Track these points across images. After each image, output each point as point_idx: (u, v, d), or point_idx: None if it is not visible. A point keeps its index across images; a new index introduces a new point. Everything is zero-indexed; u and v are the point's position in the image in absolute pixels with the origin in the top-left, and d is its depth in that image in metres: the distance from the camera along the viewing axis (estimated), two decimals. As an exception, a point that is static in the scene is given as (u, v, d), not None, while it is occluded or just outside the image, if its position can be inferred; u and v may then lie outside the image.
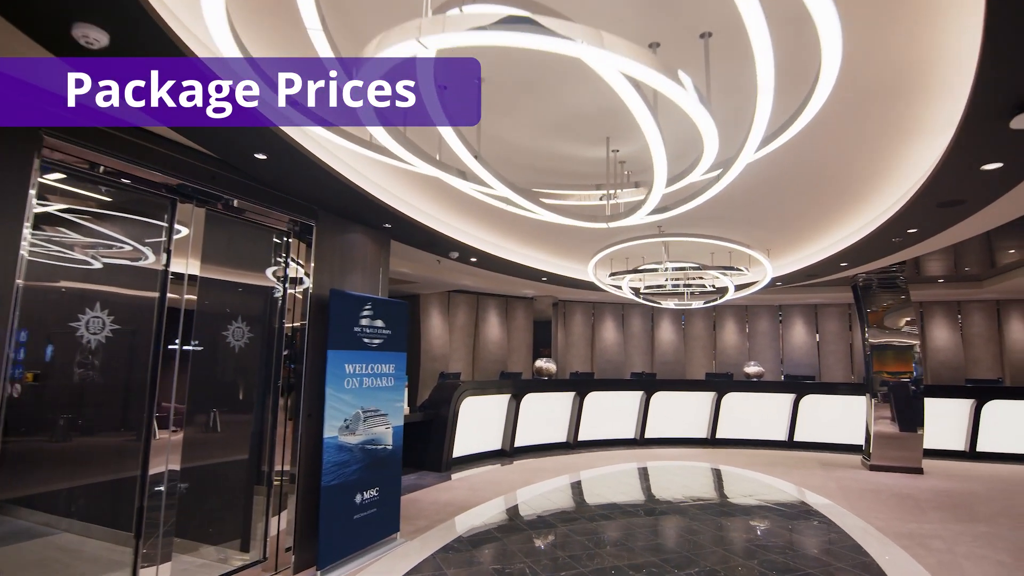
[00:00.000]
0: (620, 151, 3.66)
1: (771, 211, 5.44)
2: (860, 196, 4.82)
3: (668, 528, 4.97)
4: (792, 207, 5.35)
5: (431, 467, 7.41)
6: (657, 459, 8.41)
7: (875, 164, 4.19)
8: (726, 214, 5.38)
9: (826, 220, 5.58)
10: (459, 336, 11.60)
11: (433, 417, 7.56)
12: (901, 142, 3.79)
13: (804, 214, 5.52)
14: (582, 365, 12.35)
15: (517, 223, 6.14)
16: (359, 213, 4.64)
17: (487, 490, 6.30)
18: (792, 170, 4.43)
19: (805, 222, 5.72)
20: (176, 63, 2.20)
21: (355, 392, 4.35)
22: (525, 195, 3.08)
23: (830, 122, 3.51)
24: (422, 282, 9.32)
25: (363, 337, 4.48)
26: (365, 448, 4.40)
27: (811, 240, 6.25)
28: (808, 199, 5.11)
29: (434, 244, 5.97)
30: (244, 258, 4.14)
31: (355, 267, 4.82)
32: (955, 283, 9.69)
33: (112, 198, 3.37)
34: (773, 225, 5.82)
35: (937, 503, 5.91)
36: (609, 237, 6.00)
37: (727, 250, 6.58)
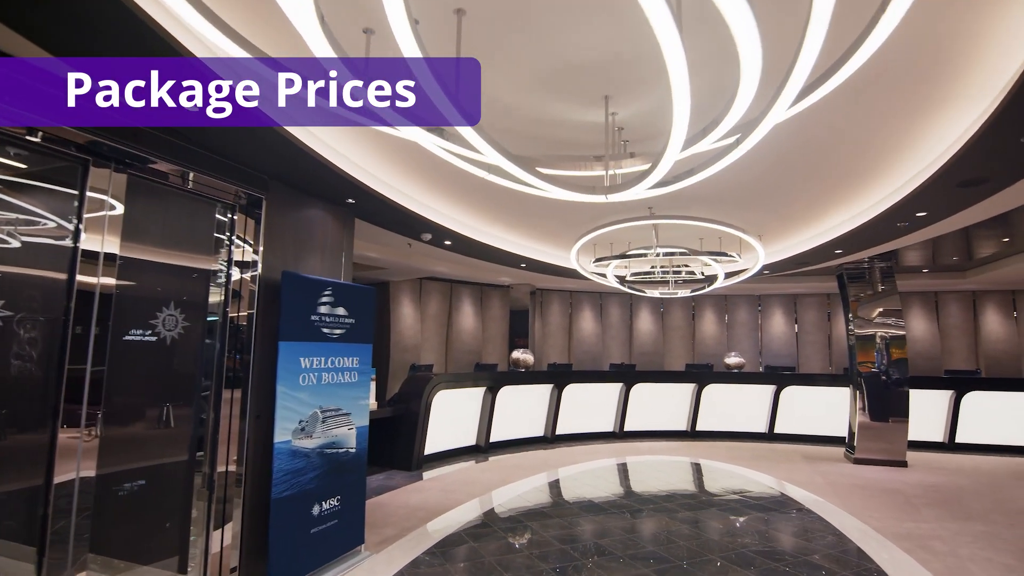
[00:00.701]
0: (619, 114, 3.20)
1: (767, 193, 5.08)
2: (867, 177, 4.49)
3: (657, 533, 4.61)
4: (790, 189, 5.01)
5: (401, 466, 6.92)
6: (637, 454, 8.10)
7: (891, 141, 3.85)
8: (719, 196, 5.01)
9: (824, 204, 5.26)
10: (431, 326, 11.07)
11: (403, 412, 7.06)
12: (924, 116, 3.44)
13: (802, 197, 5.18)
14: (559, 356, 11.98)
15: (496, 203, 5.64)
16: (318, 186, 4.08)
17: (461, 491, 5.85)
18: (795, 148, 4.07)
19: (802, 206, 5.40)
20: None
21: (312, 390, 3.82)
22: (519, 163, 2.60)
23: (846, 93, 3.14)
24: (392, 268, 8.74)
25: (322, 327, 3.94)
26: (324, 453, 3.88)
27: (806, 225, 5.94)
28: (809, 180, 4.77)
29: (404, 224, 5.42)
30: (180, 236, 3.54)
31: (313, 248, 4.26)
32: (937, 273, 9.62)
33: (26, 163, 2.78)
34: (769, 207, 5.47)
35: (928, 499, 5.73)
36: (597, 219, 5.58)
37: (717, 236, 6.24)
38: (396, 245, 6.84)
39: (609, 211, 5.46)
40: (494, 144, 2.44)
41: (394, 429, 7.03)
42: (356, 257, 7.75)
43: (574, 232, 6.16)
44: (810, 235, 6.12)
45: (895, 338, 7.51)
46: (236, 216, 3.73)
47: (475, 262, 8.05)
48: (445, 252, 7.13)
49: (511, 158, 2.57)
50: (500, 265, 8.18)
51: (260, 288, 3.73)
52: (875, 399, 7.47)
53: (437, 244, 6.34)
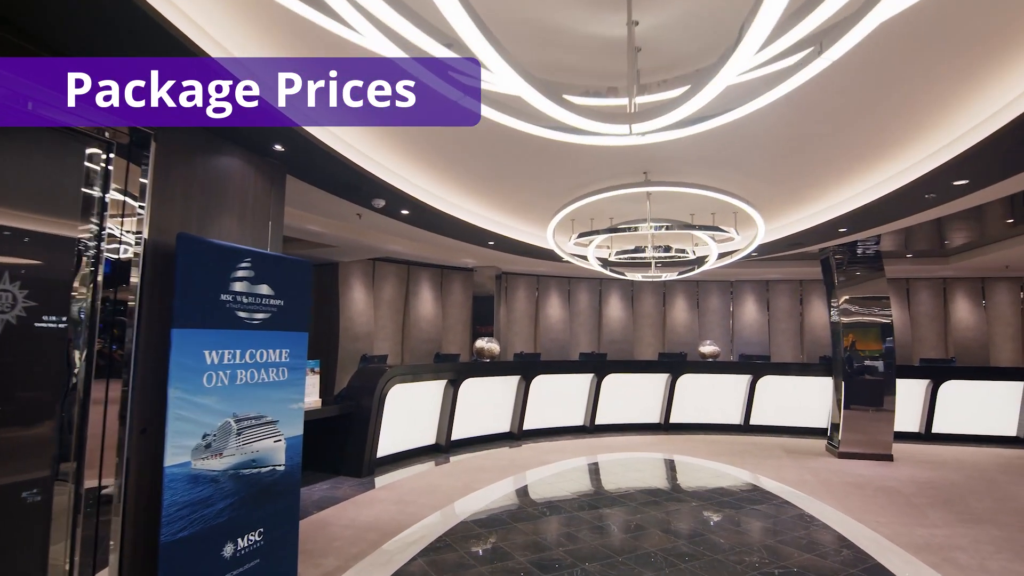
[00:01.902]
0: (641, 23, 2.41)
1: (776, 159, 4.40)
2: (896, 144, 3.89)
3: (651, 553, 3.93)
4: (804, 157, 4.31)
5: (349, 471, 6.02)
6: (610, 451, 7.48)
7: (935, 101, 3.22)
8: (721, 159, 4.31)
9: (840, 175, 4.60)
10: (386, 312, 10.10)
11: (353, 410, 6.14)
12: (990, 59, 2.82)
13: (815, 166, 4.50)
14: (525, 344, 11.24)
15: (464, 165, 4.77)
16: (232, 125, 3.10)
17: (419, 502, 5.03)
18: (819, 107, 3.42)
19: (813, 177, 4.74)
20: None
21: (223, 393, 2.89)
22: (542, 88, 1.80)
23: (894, 42, 2.48)
24: (340, 246, 7.72)
25: (237, 310, 3.00)
26: (241, 475, 2.97)
27: (811, 201, 5.34)
28: (828, 147, 4.11)
29: (351, 187, 4.48)
30: (26, 186, 2.53)
31: (227, 208, 3.29)
32: (923, 259, 9.39)
33: None
34: (775, 177, 4.74)
35: (927, 498, 5.32)
36: (580, 188, 4.79)
37: (709, 212, 5.59)
38: (343, 216, 5.86)
39: (595, 176, 4.70)
40: (508, 57, 1.64)
41: (342, 429, 6.12)
42: (297, 232, 6.70)
43: (552, 204, 5.37)
44: (814, 211, 5.55)
45: (882, 325, 7.13)
46: (113, 159, 2.73)
47: (436, 239, 7.15)
48: (401, 226, 6.20)
49: (534, 81, 1.78)
50: (465, 243, 7.30)
51: (147, 256, 2.75)
52: (860, 389, 7.08)
53: (392, 213, 5.40)
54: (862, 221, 5.36)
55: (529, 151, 4.30)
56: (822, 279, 10.84)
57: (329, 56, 2.39)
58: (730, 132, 3.72)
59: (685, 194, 4.87)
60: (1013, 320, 9.95)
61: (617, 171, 4.53)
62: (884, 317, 7.13)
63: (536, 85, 1.87)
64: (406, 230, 6.46)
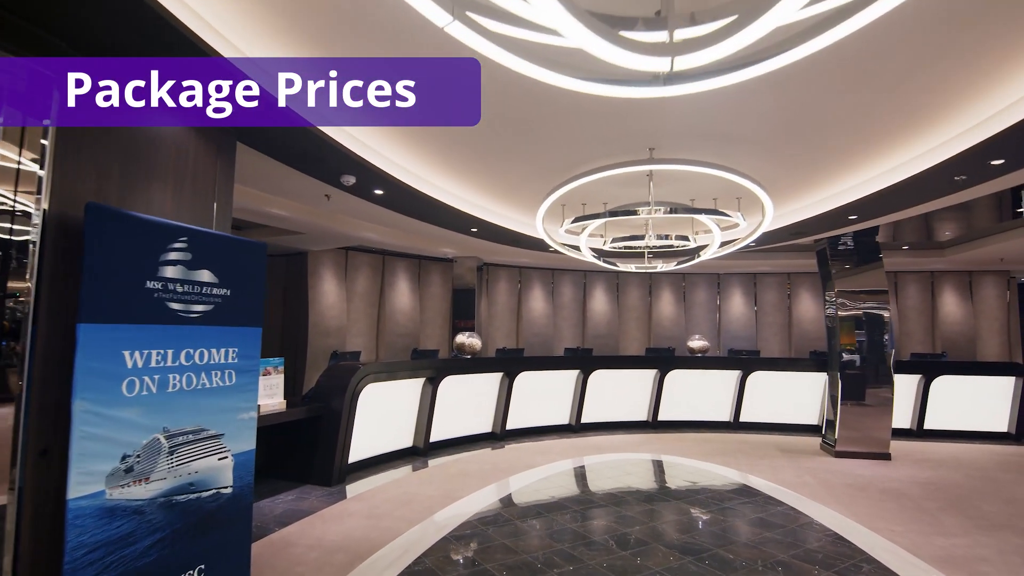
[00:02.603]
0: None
1: (796, 133, 3.95)
2: (926, 121, 3.51)
3: (655, 573, 3.52)
4: (826, 130, 3.87)
5: (318, 479, 5.48)
6: (598, 451, 7.08)
7: (988, 67, 2.84)
8: (734, 133, 3.86)
9: (861, 155, 4.18)
10: (360, 306, 9.51)
11: (321, 412, 5.60)
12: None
13: (832, 145, 4.10)
14: (507, 339, 10.78)
15: (446, 140, 4.25)
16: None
17: (395, 515, 4.53)
18: (853, 68, 3.01)
19: (831, 155, 4.27)
20: None
21: (149, 403, 2.34)
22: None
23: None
24: (309, 233, 7.12)
25: (169, 300, 2.45)
26: (174, 503, 2.43)
27: (824, 183, 4.93)
28: (851, 123, 3.72)
29: (315, 158, 3.91)
30: None
31: (156, 177, 2.72)
32: (918, 251, 9.20)
33: None
34: (791, 153, 4.22)
35: (936, 501, 5.05)
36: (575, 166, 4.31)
37: (711, 197, 5.18)
38: (310, 197, 5.28)
39: (594, 154, 4.23)
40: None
41: (310, 434, 5.58)
42: (259, 216, 6.09)
43: (543, 186, 4.90)
44: (823, 197, 5.17)
45: (881, 318, 6.86)
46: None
47: (413, 225, 6.60)
48: (375, 210, 5.64)
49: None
50: (445, 230, 6.77)
51: (48, 233, 2.18)
52: (858, 385, 6.81)
53: (364, 193, 4.84)
54: (876, 207, 5.00)
55: (521, 122, 3.82)
56: (809, 272, 10.72)
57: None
58: (744, 103, 3.30)
59: (688, 176, 4.45)
60: (999, 314, 9.89)
61: (619, 148, 4.07)
62: (883, 310, 6.86)
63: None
64: (381, 215, 5.91)
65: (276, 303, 8.95)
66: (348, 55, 2.84)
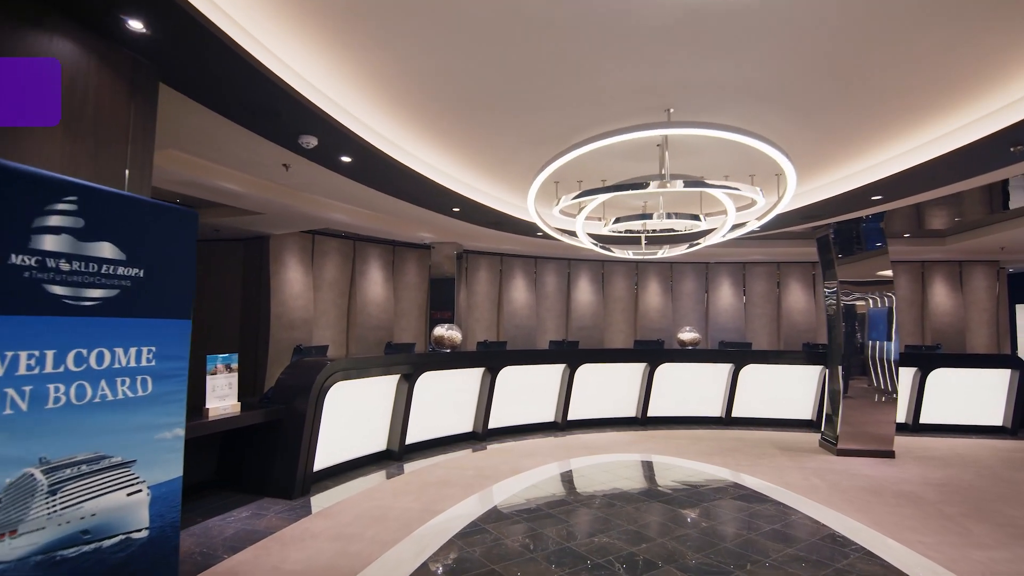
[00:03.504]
0: None
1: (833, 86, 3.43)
2: (998, 74, 3.02)
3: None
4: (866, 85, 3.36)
5: (278, 491, 4.83)
6: (588, 452, 6.59)
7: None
8: (763, 85, 3.30)
9: (901, 115, 3.67)
10: (328, 295, 8.78)
11: (282, 415, 4.94)
12: None
13: (879, 98, 3.55)
14: (487, 332, 10.19)
15: (427, 99, 3.60)
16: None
17: (366, 536, 3.93)
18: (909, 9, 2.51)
19: (869, 118, 3.75)
20: None
21: (14, 425, 1.68)
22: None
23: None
24: (269, 213, 6.37)
25: (48, 281, 1.78)
26: (58, 561, 1.78)
27: (852, 157, 4.38)
28: (903, 72, 3.19)
29: (267, 110, 3.22)
30: None
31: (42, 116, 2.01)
32: (918, 239, 8.90)
33: None
34: (825, 114, 3.66)
35: (956, 506, 4.70)
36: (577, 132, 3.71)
37: (722, 173, 4.66)
38: (266, 168, 4.56)
39: (599, 117, 3.65)
40: None
41: (269, 439, 4.92)
42: (209, 192, 5.32)
43: (537, 158, 4.30)
44: (847, 174, 4.69)
45: (887, 309, 6.50)
46: None
47: (387, 204, 5.93)
48: (343, 185, 4.95)
49: None
50: (423, 210, 6.11)
51: None
52: (861, 380, 6.46)
53: (328, 161, 4.15)
54: (909, 185, 4.51)
55: (514, 80, 3.22)
56: (799, 261, 10.40)
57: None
58: (778, 46, 2.76)
59: (701, 148, 3.92)
60: (989, 305, 9.75)
61: (629, 109, 3.50)
62: (888, 300, 6.50)
63: None
64: (349, 190, 5.22)
65: (234, 293, 8.15)
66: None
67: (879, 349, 6.46)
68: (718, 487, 5.17)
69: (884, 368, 6.43)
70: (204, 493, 4.81)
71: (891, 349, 6.42)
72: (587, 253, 10.07)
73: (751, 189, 3.72)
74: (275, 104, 3.04)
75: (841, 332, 6.63)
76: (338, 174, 4.46)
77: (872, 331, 6.53)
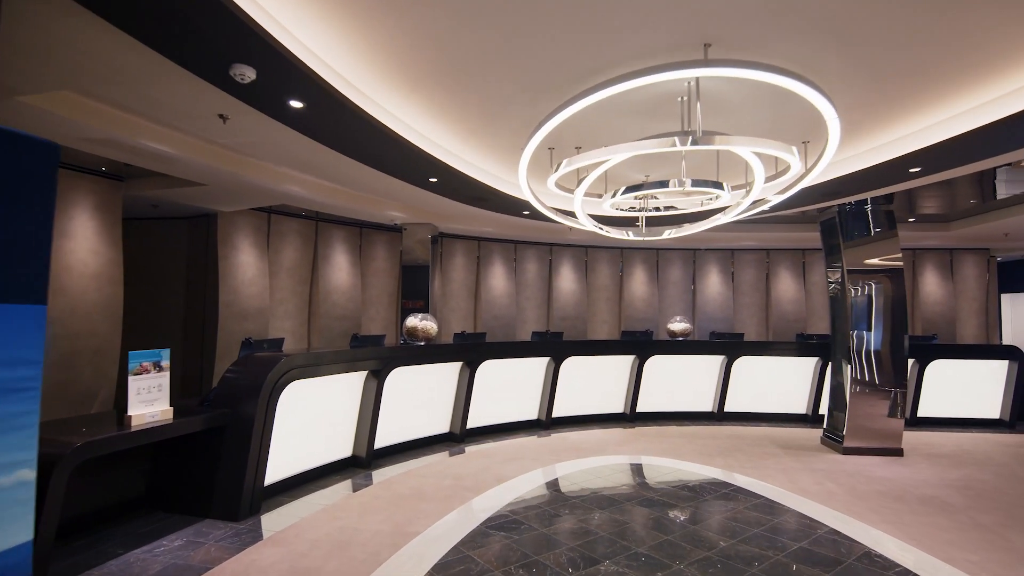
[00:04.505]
0: None
1: (890, 43, 2.86)
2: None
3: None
4: (934, 39, 2.82)
5: (221, 512, 4.06)
6: (576, 452, 6.02)
7: None
8: (816, 12, 2.68)
9: (970, 68, 3.14)
10: (287, 282, 7.92)
11: (227, 420, 4.16)
12: None
13: (935, 58, 3.02)
14: (464, 322, 9.49)
15: (399, 31, 2.86)
16: None
17: (326, 569, 3.23)
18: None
19: (925, 77, 3.20)
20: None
21: None
22: None
23: None
24: (214, 186, 5.50)
25: None
26: None
27: (900, 119, 3.79)
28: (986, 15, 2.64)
29: (186, 26, 2.43)
30: None
31: None
32: (923, 224, 8.55)
33: None
34: (888, 54, 3.09)
35: (989, 513, 4.28)
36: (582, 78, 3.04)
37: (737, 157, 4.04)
38: (198, 119, 3.72)
39: (616, 56, 2.98)
40: None
41: (210, 450, 4.14)
42: (136, 155, 4.44)
43: (532, 111, 3.60)
44: (888, 140, 4.12)
45: (898, 297, 6.08)
46: None
47: (352, 174, 5.14)
48: (297, 143, 4.15)
49: None
50: (394, 181, 5.35)
51: None
52: (870, 373, 6.03)
53: (273, 108, 3.35)
54: (958, 154, 3.95)
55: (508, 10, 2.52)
56: (789, 248, 9.99)
57: None
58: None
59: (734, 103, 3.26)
60: (978, 294, 9.56)
61: (658, 41, 2.83)
62: (899, 287, 6.08)
63: None
64: (306, 154, 4.42)
65: (177, 280, 7.21)
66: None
67: (887, 340, 6.03)
68: (728, 496, 4.63)
69: (893, 360, 6.01)
70: (130, 516, 4.01)
71: (900, 340, 6.00)
72: (570, 238, 9.44)
73: (789, 150, 3.11)
74: (194, 14, 2.26)
75: (847, 321, 6.18)
76: (288, 127, 3.65)
77: (880, 320, 6.09)
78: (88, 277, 5.65)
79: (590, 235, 8.97)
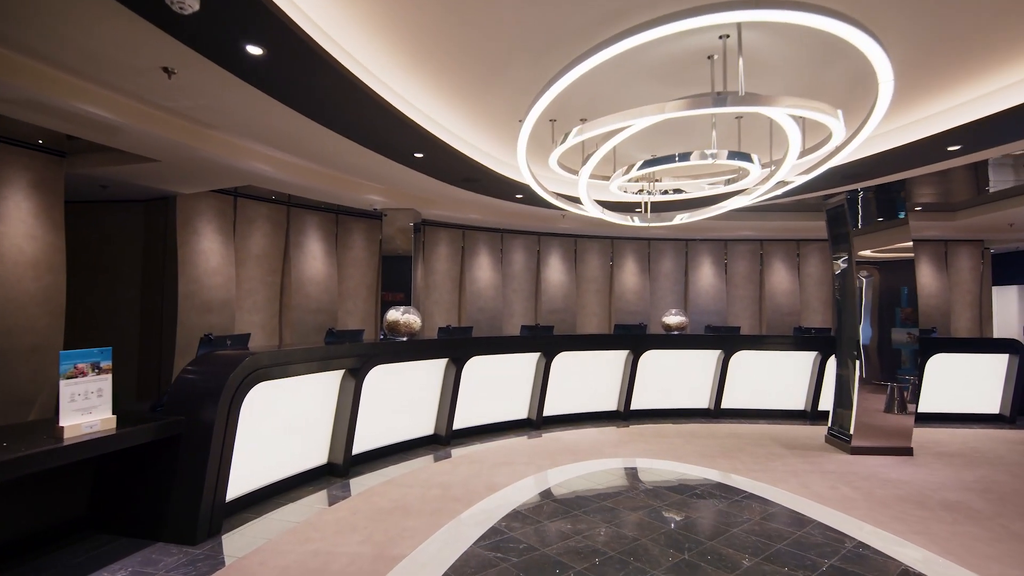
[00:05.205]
0: None
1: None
2: None
3: None
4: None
5: (175, 534, 3.54)
6: (571, 455, 5.63)
7: None
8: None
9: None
10: (255, 272, 7.31)
11: (181, 429, 3.63)
12: None
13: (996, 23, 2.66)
14: (447, 316, 8.99)
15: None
16: None
17: (296, 607, 2.74)
18: None
19: (982, 44, 2.84)
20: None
21: None
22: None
23: None
24: (169, 162, 4.89)
25: None
26: None
27: (946, 88, 3.42)
28: None
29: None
30: None
31: None
32: (927, 214, 8.29)
33: None
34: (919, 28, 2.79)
35: (1017, 519, 4.01)
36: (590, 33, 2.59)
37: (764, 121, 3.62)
38: (139, 74, 3.15)
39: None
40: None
41: (163, 462, 3.62)
42: (73, 121, 3.83)
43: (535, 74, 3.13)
44: (929, 114, 3.73)
45: (908, 288, 5.79)
46: None
47: (327, 148, 4.60)
48: (259, 107, 3.61)
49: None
50: (374, 156, 4.81)
51: None
52: (880, 368, 5.75)
53: (229, 56, 2.81)
54: (1005, 130, 3.58)
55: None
56: (782, 239, 9.70)
57: None
58: None
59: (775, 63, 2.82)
60: (972, 287, 9.43)
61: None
62: (909, 277, 5.79)
63: None
64: (271, 121, 3.87)
65: (132, 269, 6.55)
66: None
67: (897, 333, 5.74)
68: (740, 504, 4.26)
69: (903, 354, 5.73)
70: (69, 541, 3.45)
71: (912, 332, 5.72)
72: (560, 226, 9.00)
73: (835, 114, 2.69)
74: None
75: (854, 314, 5.88)
76: (246, 82, 3.10)
77: (889, 312, 5.80)
78: (24, 265, 5.00)
79: (580, 224, 8.54)
